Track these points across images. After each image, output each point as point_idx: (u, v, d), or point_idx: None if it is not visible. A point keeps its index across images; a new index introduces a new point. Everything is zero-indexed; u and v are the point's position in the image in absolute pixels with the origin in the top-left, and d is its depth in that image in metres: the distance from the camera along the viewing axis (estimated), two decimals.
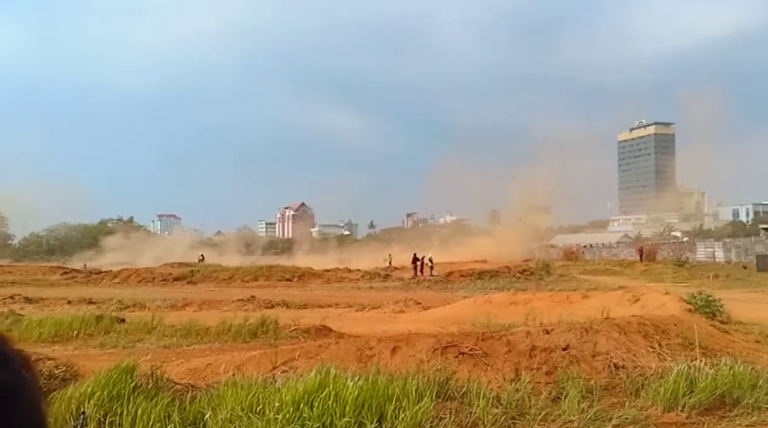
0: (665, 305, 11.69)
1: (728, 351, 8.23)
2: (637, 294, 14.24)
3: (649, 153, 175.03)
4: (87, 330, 12.53)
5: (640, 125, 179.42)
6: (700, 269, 37.45)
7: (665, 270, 36.98)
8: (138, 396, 5.60)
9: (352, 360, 7.50)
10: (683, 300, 12.38)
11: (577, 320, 8.38)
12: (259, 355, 8.14)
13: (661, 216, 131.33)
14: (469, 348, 7.18)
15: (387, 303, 19.08)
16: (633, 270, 39.33)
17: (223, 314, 15.85)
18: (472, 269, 35.22)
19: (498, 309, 14.20)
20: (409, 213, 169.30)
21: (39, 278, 37.78)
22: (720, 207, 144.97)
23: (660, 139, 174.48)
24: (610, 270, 40.40)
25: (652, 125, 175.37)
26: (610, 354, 7.21)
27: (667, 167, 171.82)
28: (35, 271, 42.29)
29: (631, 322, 8.36)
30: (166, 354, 9.86)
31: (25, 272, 41.39)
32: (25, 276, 38.91)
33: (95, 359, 8.95)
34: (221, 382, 6.31)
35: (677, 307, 11.24)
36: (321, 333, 12.09)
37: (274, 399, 5.48)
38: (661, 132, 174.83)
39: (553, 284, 28.51)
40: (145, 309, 18.63)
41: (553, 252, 62.53)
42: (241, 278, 33.47)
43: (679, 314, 10.05)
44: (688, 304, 11.96)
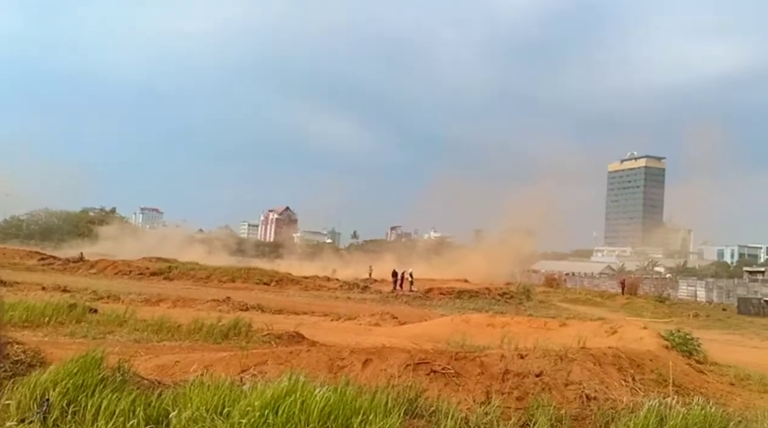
0: (642, 340, 11.65)
1: (702, 391, 8.17)
2: (615, 326, 14.21)
3: (638, 186, 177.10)
4: (58, 317, 12.45)
5: (631, 156, 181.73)
6: (680, 307, 37.70)
7: (646, 305, 37.15)
8: (104, 388, 5.49)
9: (323, 370, 7.35)
10: (661, 336, 12.36)
11: (553, 347, 8.28)
12: (229, 357, 8.00)
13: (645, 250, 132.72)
14: (442, 367, 7.05)
15: (363, 315, 18.95)
16: (614, 302, 39.48)
17: (196, 312, 15.67)
18: (452, 287, 35.18)
19: (474, 330, 14.10)
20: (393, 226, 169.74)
21: (16, 262, 37.19)
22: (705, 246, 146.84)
23: (650, 172, 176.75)
24: (590, 300, 40.51)
25: (643, 158, 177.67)
26: (582, 385, 7.11)
27: (655, 201, 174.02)
28: (12, 254, 41.67)
29: (607, 354, 8.29)
30: (136, 348, 9.73)
31: (2, 255, 40.69)
32: (1, 259, 38.25)
33: (64, 347, 8.77)
34: (189, 381, 6.18)
35: (654, 342, 11.20)
36: (293, 339, 11.91)
37: (240, 403, 5.37)
38: (652, 166, 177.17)
39: (533, 309, 28.50)
40: (118, 302, 18.42)
41: (535, 277, 62.61)
42: (218, 278, 33.16)
43: (656, 350, 10.00)
44: (666, 340, 11.92)
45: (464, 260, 61.86)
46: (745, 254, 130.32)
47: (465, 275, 47.08)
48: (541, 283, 56.94)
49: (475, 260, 61.17)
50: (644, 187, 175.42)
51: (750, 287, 44.07)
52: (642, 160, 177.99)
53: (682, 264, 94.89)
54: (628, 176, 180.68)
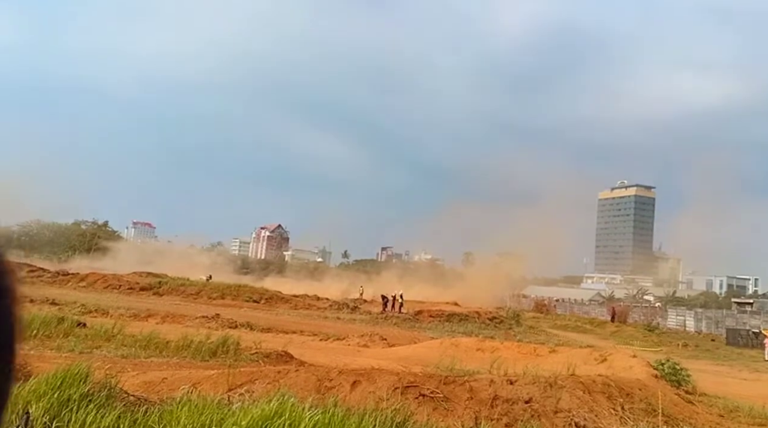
0: (632, 368, 11.65)
1: (691, 421, 8.17)
2: (604, 354, 14.20)
3: (628, 214, 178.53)
4: (46, 330, 12.37)
5: (622, 185, 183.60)
6: (669, 336, 37.73)
7: (635, 333, 37.15)
8: (89, 403, 5.42)
9: (311, 390, 7.30)
10: (650, 365, 12.37)
11: (543, 374, 8.27)
12: (217, 375, 7.93)
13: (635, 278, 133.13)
14: (431, 391, 7.02)
15: (352, 336, 18.81)
16: (603, 330, 39.44)
17: (185, 329, 15.52)
18: (442, 310, 35.04)
19: (464, 354, 14.04)
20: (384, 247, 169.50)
21: None
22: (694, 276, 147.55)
23: (640, 201, 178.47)
24: (580, 327, 40.44)
25: (633, 187, 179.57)
26: (572, 412, 7.10)
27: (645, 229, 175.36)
28: None
29: (596, 382, 8.28)
30: (123, 363, 9.66)
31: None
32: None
33: (50, 361, 8.68)
34: (176, 399, 6.12)
35: (644, 371, 11.21)
36: (282, 358, 11.82)
37: (227, 422, 5.33)
38: (642, 194, 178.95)
39: (522, 334, 28.40)
40: (107, 316, 18.25)
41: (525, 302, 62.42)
42: (208, 294, 32.90)
43: (645, 379, 10.01)
44: (655, 370, 11.94)
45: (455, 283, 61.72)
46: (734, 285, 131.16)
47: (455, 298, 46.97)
48: (531, 308, 56.77)
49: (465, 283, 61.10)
50: (634, 215, 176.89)
51: (738, 318, 44.25)
52: (632, 188, 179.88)
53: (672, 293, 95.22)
54: (619, 204, 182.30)
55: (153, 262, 54.19)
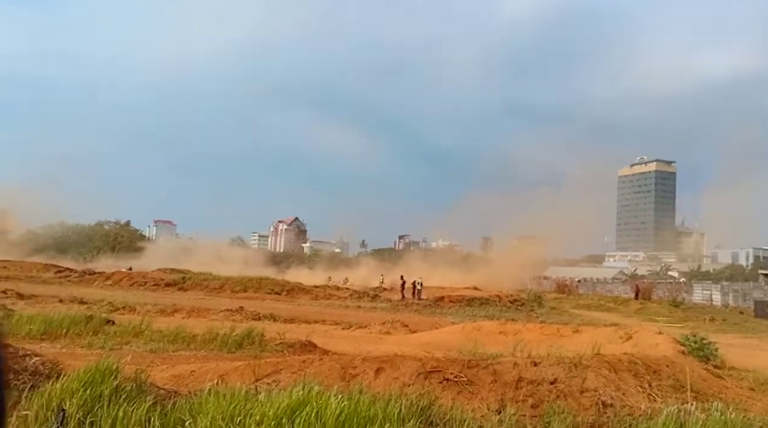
0: (658, 346, 11.52)
1: (720, 396, 8.06)
2: (629, 332, 14.06)
3: (649, 190, 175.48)
4: (76, 329, 12.59)
5: (642, 161, 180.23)
6: (695, 311, 37.15)
7: (660, 310, 36.67)
8: (120, 398, 5.54)
9: (336, 378, 7.36)
10: (677, 341, 12.21)
11: (567, 354, 8.22)
12: (243, 366, 8.03)
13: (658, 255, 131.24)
14: (454, 375, 7.02)
15: (374, 324, 18.89)
16: (627, 308, 38.95)
17: (210, 322, 15.74)
18: (463, 295, 34.96)
19: (486, 338, 14.00)
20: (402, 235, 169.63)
21: (33, 275, 37.67)
22: (719, 249, 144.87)
23: (661, 176, 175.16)
24: (603, 306, 40.00)
25: (653, 162, 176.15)
26: (598, 391, 7.05)
27: (666, 205, 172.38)
28: (30, 268, 42.19)
29: (622, 360, 8.20)
30: (152, 358, 9.82)
31: (19, 268, 41.26)
32: (19, 272, 38.78)
33: (81, 358, 8.84)
34: (204, 390, 6.22)
35: (670, 348, 11.08)
36: (306, 348, 11.93)
37: (255, 412, 5.41)
38: (662, 169, 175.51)
39: (545, 316, 28.24)
40: (134, 312, 18.58)
41: (546, 284, 61.97)
42: (231, 288, 33.32)
43: (672, 356, 9.89)
44: (682, 346, 11.79)
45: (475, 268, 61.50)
46: (760, 257, 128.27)
47: (475, 284, 46.84)
48: (553, 289, 56.39)
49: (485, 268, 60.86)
50: (655, 191, 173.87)
51: (766, 290, 43.43)
52: (652, 164, 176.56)
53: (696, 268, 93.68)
54: (639, 180, 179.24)
55: (183, 259, 54.81)
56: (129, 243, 74.80)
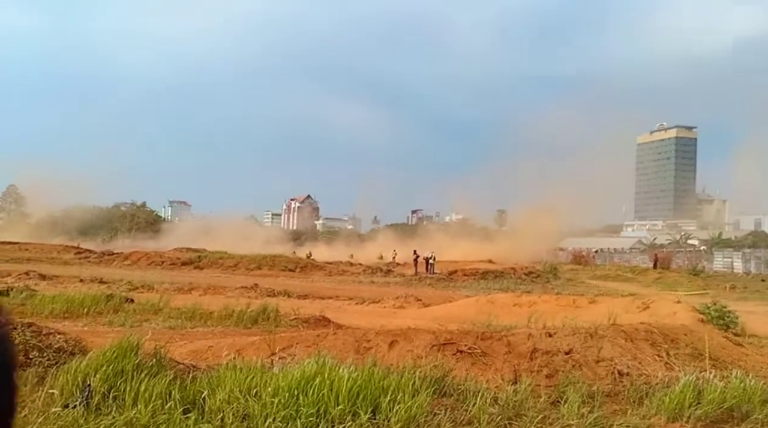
0: (676, 314, 11.38)
1: (740, 364, 7.93)
2: (647, 302, 13.89)
3: (668, 157, 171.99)
4: (97, 308, 12.91)
5: (661, 127, 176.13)
6: (716, 280, 36.68)
7: (679, 279, 36.27)
8: (141, 373, 5.68)
9: (350, 351, 7.39)
10: (696, 310, 12.05)
11: (583, 324, 8.13)
12: (259, 341, 8.12)
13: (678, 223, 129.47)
14: (468, 347, 6.99)
15: (387, 298, 18.98)
16: (645, 277, 38.56)
17: (226, 299, 15.96)
18: (476, 268, 34.85)
19: (500, 310, 13.97)
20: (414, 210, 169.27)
21: (53, 257, 38.50)
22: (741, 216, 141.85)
23: (681, 143, 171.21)
24: (621, 276, 39.65)
25: (674, 128, 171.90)
26: (614, 361, 6.97)
27: (687, 172, 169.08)
28: (50, 249, 43.12)
29: (639, 329, 8.09)
30: (171, 334, 10.02)
31: (40, 250, 42.19)
32: (40, 254, 39.69)
33: (103, 336, 9.05)
34: (221, 365, 6.33)
35: (689, 317, 10.93)
36: (320, 323, 12.04)
37: (270, 384, 5.48)
38: (683, 136, 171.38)
39: (560, 287, 28.09)
40: (153, 291, 18.92)
41: (562, 255, 61.48)
42: (245, 266, 33.70)
43: (691, 324, 9.75)
44: (701, 314, 11.63)
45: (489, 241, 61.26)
46: None
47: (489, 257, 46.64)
48: (569, 261, 56.03)
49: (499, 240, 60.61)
50: (675, 158, 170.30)
51: None
52: (672, 130, 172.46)
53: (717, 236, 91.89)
54: (658, 147, 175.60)
55: (201, 239, 55.30)
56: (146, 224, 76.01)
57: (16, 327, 7.11)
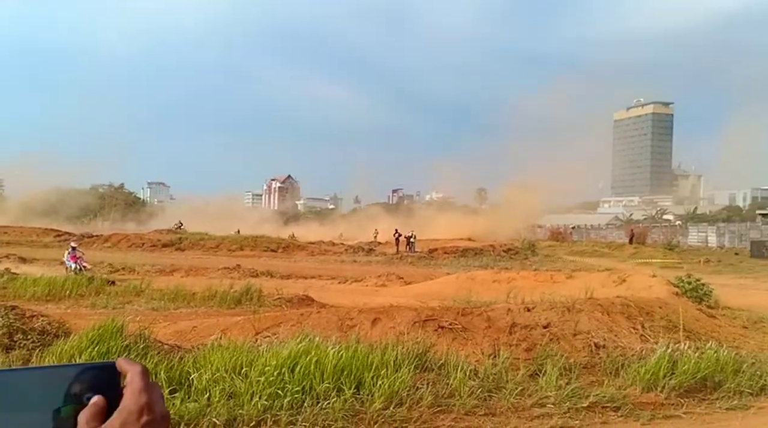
0: (651, 288, 11.65)
1: (714, 335, 8.21)
2: (623, 276, 14.20)
3: (645, 133, 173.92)
4: (78, 290, 12.85)
5: (638, 104, 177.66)
6: (690, 254, 37.56)
7: (655, 254, 37.07)
8: (128, 354, 5.68)
9: (333, 330, 7.46)
10: (670, 283, 12.34)
11: (560, 299, 8.31)
12: (243, 321, 8.15)
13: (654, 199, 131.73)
14: (449, 323, 7.12)
15: (369, 277, 19.10)
16: (621, 252, 39.35)
17: (209, 280, 15.90)
18: (456, 246, 35.16)
19: (480, 286, 14.18)
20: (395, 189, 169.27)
21: (33, 240, 37.77)
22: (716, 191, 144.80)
23: (658, 118, 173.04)
24: (597, 252, 40.38)
25: (650, 105, 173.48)
26: (591, 334, 7.17)
27: (663, 148, 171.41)
28: (29, 233, 42.27)
29: (615, 303, 8.31)
30: (154, 316, 10.02)
31: (20, 234, 41.38)
32: (19, 237, 38.91)
33: (86, 318, 9.04)
34: (207, 344, 6.36)
35: (664, 290, 11.20)
36: (303, 302, 12.10)
37: (257, 363, 5.55)
38: (659, 112, 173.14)
39: (538, 264, 28.51)
40: (134, 273, 18.79)
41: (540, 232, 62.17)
42: (227, 247, 33.51)
43: (665, 297, 10.02)
44: (676, 287, 11.92)
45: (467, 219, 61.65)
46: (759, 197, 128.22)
47: (469, 235, 46.97)
48: (547, 238, 56.77)
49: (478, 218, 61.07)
50: (652, 134, 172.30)
51: (763, 230, 43.71)
52: (649, 106, 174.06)
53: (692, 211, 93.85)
54: (635, 123, 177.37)
55: (195, 220, 54.37)
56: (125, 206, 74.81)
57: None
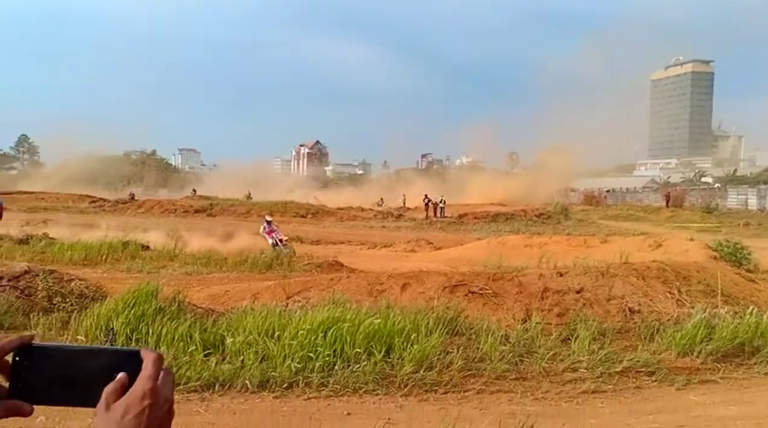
0: (689, 252, 11.34)
1: (753, 300, 7.95)
2: (659, 240, 13.85)
3: (684, 93, 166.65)
4: (114, 255, 13.21)
5: (677, 62, 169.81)
6: (730, 217, 36.33)
7: (692, 217, 36.02)
8: (163, 316, 5.87)
9: (363, 294, 7.51)
10: (708, 247, 11.99)
11: (594, 264, 8.14)
12: (274, 285, 8.26)
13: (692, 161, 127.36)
14: (480, 288, 7.06)
15: (398, 242, 19.08)
16: (657, 216, 38.35)
17: (240, 246, 16.11)
18: (487, 211, 34.77)
19: (511, 252, 14.02)
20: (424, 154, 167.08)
21: (69, 206, 38.89)
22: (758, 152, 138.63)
23: (697, 78, 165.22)
24: (633, 216, 39.44)
25: (690, 63, 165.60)
26: (625, 299, 7.02)
27: (702, 108, 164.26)
28: (65, 199, 43.49)
29: (651, 267, 8.10)
30: (188, 280, 10.23)
31: (55, 199, 42.62)
32: (56, 203, 40.12)
33: (122, 282, 9.26)
34: (239, 308, 6.47)
35: (701, 254, 10.89)
36: (333, 267, 12.21)
37: (289, 326, 5.62)
38: (699, 70, 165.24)
39: (571, 228, 28.03)
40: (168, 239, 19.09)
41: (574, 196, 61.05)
42: (257, 212, 33.89)
43: (703, 261, 9.73)
44: (714, 251, 11.58)
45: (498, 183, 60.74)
46: None
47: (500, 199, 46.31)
48: (580, 202, 55.69)
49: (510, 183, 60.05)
50: (691, 94, 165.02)
51: None
52: (688, 65, 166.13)
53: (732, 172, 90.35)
54: (674, 83, 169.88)
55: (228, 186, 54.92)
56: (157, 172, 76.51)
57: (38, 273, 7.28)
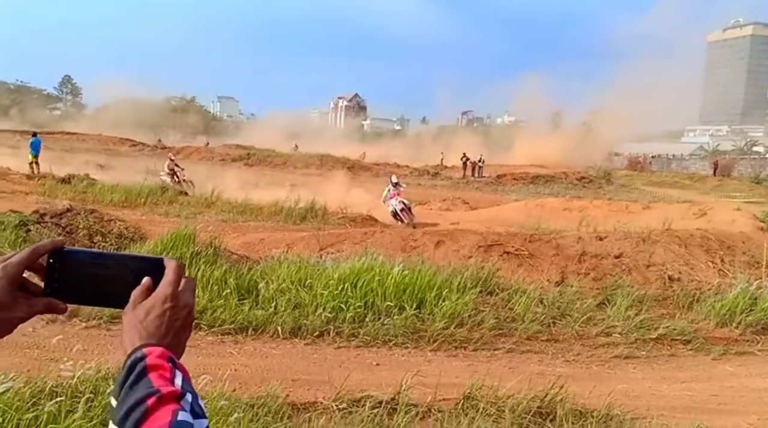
0: (735, 222, 10.87)
1: None
2: (704, 208, 13.31)
3: (742, 57, 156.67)
4: (153, 198, 13.54)
5: (736, 24, 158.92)
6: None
7: (740, 187, 34.54)
8: (199, 260, 6.01)
9: (396, 249, 7.53)
10: (756, 218, 11.46)
11: (635, 230, 7.92)
12: (308, 236, 8.36)
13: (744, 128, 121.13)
14: (515, 249, 6.98)
15: (434, 200, 18.93)
16: (704, 185, 36.93)
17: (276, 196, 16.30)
18: (527, 172, 34.08)
19: (550, 214, 13.75)
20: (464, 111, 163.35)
21: (109, 148, 39.85)
22: None
23: (757, 41, 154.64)
24: (678, 183, 38.07)
25: (750, 26, 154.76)
26: (666, 266, 6.85)
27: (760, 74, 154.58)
28: (106, 141, 44.48)
29: (694, 235, 7.84)
30: (224, 227, 10.43)
31: (96, 142, 43.66)
32: (96, 145, 41.13)
33: (160, 225, 9.50)
34: (274, 257, 6.59)
35: (748, 224, 10.42)
36: (367, 222, 12.25)
37: (321, 276, 5.70)
38: (760, 33, 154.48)
39: (613, 193, 27.30)
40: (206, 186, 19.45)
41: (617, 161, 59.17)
42: (293, 164, 34.13)
43: (749, 232, 9.34)
44: (761, 222, 11.07)
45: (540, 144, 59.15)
46: None
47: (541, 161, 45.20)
48: (624, 166, 53.94)
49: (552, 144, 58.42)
50: (749, 58, 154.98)
51: None
52: (748, 27, 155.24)
53: None
54: (732, 46, 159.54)
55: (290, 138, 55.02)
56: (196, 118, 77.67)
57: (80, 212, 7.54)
